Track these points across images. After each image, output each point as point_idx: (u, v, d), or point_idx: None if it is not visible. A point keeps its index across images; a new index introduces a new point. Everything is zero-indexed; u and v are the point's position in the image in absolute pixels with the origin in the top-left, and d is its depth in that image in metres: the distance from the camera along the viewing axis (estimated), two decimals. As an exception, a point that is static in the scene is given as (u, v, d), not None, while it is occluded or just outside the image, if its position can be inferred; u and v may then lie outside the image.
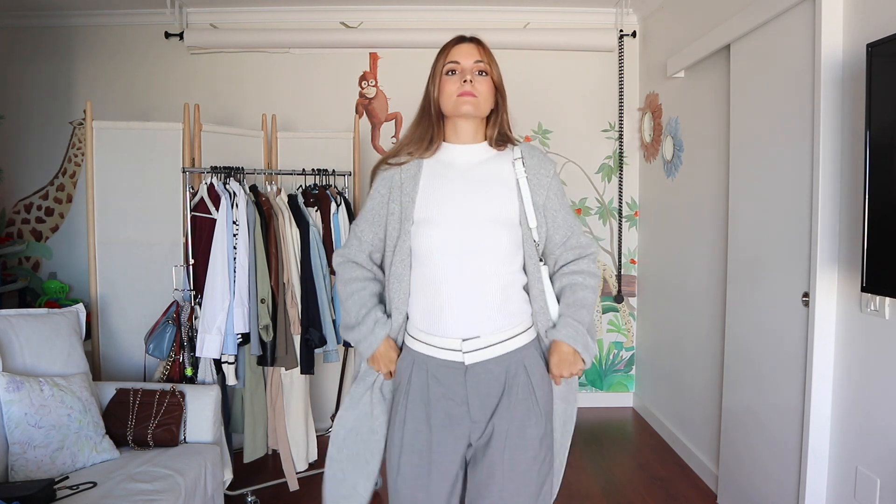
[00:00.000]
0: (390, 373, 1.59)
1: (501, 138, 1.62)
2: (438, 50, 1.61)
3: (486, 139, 1.63)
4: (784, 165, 2.45)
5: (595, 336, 1.57)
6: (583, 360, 1.53)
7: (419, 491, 1.50)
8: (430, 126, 1.59)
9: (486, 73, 1.57)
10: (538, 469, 1.49)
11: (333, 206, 3.17)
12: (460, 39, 1.60)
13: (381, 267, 1.64)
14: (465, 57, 1.56)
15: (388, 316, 1.57)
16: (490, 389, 1.49)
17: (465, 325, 1.50)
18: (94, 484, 2.15)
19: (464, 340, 1.49)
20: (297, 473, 3.03)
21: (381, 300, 1.61)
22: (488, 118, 1.62)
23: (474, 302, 1.50)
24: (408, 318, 1.57)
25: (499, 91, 1.60)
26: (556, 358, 1.54)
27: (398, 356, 1.58)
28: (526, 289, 1.57)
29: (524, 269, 1.58)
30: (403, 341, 1.58)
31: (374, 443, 1.61)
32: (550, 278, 1.61)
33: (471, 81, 1.54)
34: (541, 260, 1.59)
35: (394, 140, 4.33)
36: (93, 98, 3.49)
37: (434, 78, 1.59)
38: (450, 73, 1.56)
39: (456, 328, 1.50)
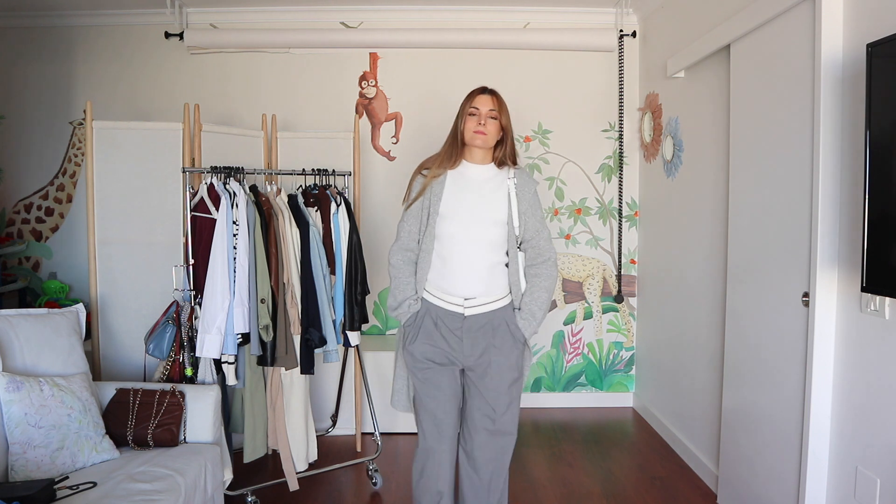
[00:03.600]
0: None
1: (504, 161, 2.30)
2: (464, 97, 2.30)
3: (493, 160, 2.31)
4: (784, 165, 2.45)
5: (545, 311, 2.28)
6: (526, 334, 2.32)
7: (428, 393, 2.25)
8: (456, 149, 2.27)
9: (496, 118, 2.24)
10: (515, 377, 2.29)
11: (333, 206, 3.17)
12: (482, 91, 2.28)
13: (419, 243, 2.32)
14: (483, 105, 2.24)
15: (416, 278, 2.29)
16: (477, 332, 2.24)
17: (466, 289, 2.23)
18: (94, 484, 2.15)
19: (465, 299, 2.23)
20: (297, 473, 3.02)
21: (414, 271, 2.31)
22: (496, 146, 2.29)
23: (471, 274, 2.22)
24: (427, 278, 2.27)
25: (504, 130, 2.27)
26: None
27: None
28: (506, 268, 2.28)
29: (507, 253, 2.27)
30: (422, 294, 2.28)
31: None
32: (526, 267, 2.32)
33: (483, 124, 2.23)
34: (519, 248, 2.29)
35: (393, 140, 4.33)
36: (93, 98, 3.49)
37: (461, 116, 2.27)
38: (471, 114, 2.24)
39: (460, 290, 2.22)
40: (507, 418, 2.29)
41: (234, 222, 2.79)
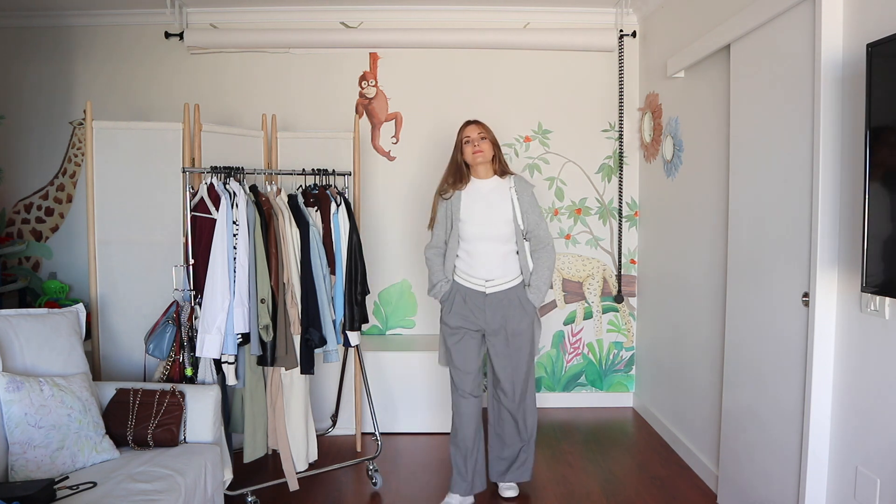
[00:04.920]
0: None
1: (502, 171, 2.95)
2: (458, 128, 2.98)
3: (494, 174, 2.94)
4: (784, 165, 2.45)
5: (548, 284, 2.92)
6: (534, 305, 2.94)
7: (461, 350, 2.92)
8: (461, 173, 2.92)
9: (486, 138, 2.89)
10: (529, 339, 2.94)
11: (333, 206, 3.17)
12: (468, 123, 2.94)
13: (446, 243, 2.97)
14: (472, 132, 2.90)
15: (445, 267, 2.96)
16: (497, 305, 2.87)
17: (487, 273, 2.87)
18: (94, 484, 2.15)
19: (486, 281, 2.88)
20: (297, 473, 3.02)
21: (443, 262, 2.97)
22: (493, 161, 2.92)
23: (490, 262, 2.87)
24: (455, 266, 2.93)
25: (495, 146, 2.92)
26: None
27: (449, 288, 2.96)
28: (517, 255, 2.90)
29: (516, 243, 2.89)
30: (453, 278, 2.93)
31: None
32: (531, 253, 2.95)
33: (478, 145, 2.87)
34: (525, 238, 2.92)
35: (393, 140, 4.34)
36: (93, 98, 3.49)
37: (458, 146, 2.93)
38: (466, 142, 2.90)
39: (482, 275, 2.88)
40: (525, 366, 2.96)
41: (234, 222, 2.79)
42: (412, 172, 4.31)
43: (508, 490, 3.06)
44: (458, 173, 2.91)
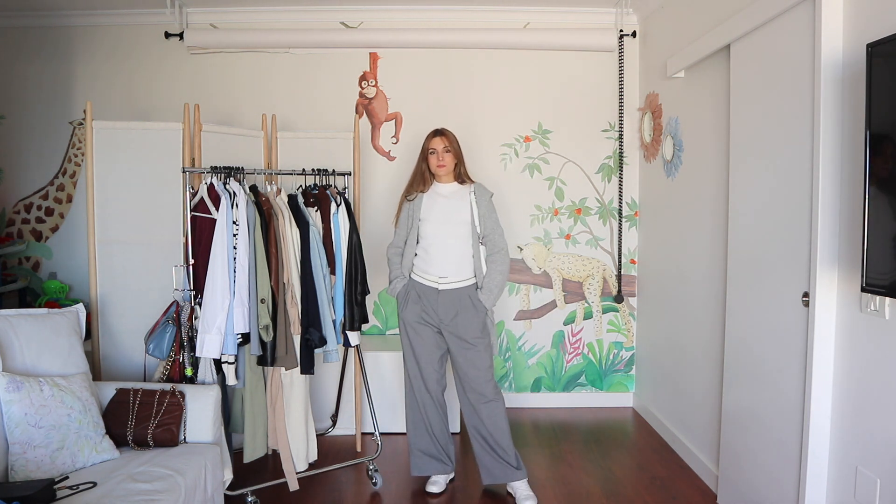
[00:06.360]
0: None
1: (462, 179, 3.11)
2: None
3: (455, 180, 3.11)
4: (784, 165, 2.45)
5: (500, 288, 3.00)
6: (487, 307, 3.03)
7: (421, 342, 3.04)
8: (424, 178, 3.08)
9: (450, 151, 3.04)
10: (481, 336, 2.99)
11: (333, 206, 3.17)
12: (435, 133, 3.07)
13: (406, 242, 3.09)
14: (437, 144, 3.04)
15: (402, 264, 3.09)
16: (448, 303, 2.99)
17: (440, 270, 3.00)
18: (94, 484, 2.15)
19: (440, 278, 2.99)
20: (297, 473, 3.02)
21: (401, 261, 3.10)
22: (455, 169, 3.08)
23: (445, 260, 3.00)
24: (413, 264, 3.05)
25: (458, 157, 3.08)
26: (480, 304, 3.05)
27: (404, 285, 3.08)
28: (472, 257, 3.02)
29: (472, 247, 3.02)
30: (409, 276, 3.05)
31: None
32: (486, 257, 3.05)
33: (442, 158, 3.03)
34: (481, 243, 3.04)
35: (393, 140, 4.34)
36: (93, 98, 3.49)
37: (423, 154, 3.09)
38: (431, 153, 3.05)
39: (436, 272, 3.00)
40: (483, 356, 3.00)
41: (234, 222, 2.79)
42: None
43: (527, 500, 2.98)
44: (421, 178, 3.07)
